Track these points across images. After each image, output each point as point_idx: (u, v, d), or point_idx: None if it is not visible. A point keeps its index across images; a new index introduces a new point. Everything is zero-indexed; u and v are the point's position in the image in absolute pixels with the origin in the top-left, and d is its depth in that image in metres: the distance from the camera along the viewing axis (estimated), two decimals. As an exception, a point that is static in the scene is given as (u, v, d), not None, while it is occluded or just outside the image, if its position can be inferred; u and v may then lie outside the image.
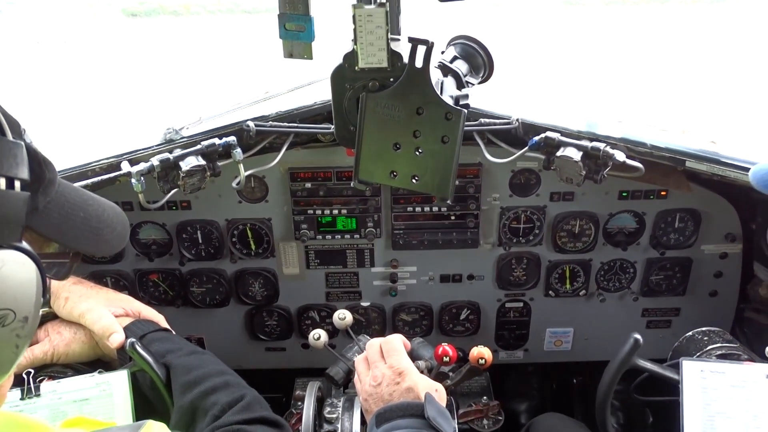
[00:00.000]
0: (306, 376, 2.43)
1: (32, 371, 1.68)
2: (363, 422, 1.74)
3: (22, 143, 0.91)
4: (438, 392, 1.65)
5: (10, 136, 0.90)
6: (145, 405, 1.78)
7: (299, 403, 2.22)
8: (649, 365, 1.92)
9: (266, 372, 2.85)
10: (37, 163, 0.96)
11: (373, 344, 1.78)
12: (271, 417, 1.62)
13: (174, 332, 1.93)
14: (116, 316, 1.82)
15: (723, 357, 2.02)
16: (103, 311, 1.80)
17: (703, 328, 2.18)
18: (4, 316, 0.87)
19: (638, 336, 1.87)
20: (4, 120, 0.91)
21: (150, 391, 1.78)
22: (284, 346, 2.89)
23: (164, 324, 1.94)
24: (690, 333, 2.19)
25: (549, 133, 2.10)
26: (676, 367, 1.87)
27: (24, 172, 0.90)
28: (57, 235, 1.05)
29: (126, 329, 1.80)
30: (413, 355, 2.00)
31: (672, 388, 1.87)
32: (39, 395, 1.65)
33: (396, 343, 1.75)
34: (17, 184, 0.88)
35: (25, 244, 0.90)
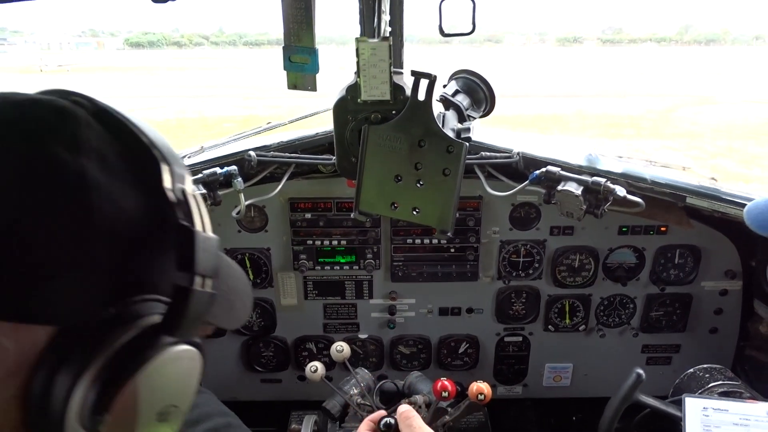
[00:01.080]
0: (302, 409, 2.38)
1: None
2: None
3: (216, 237, 0.83)
4: None
5: (209, 232, 0.82)
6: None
7: (295, 437, 2.18)
8: (651, 401, 1.90)
9: (261, 404, 2.80)
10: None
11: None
12: None
13: None
14: None
15: (725, 395, 2.00)
16: None
17: (705, 365, 2.16)
18: (170, 412, 0.82)
19: (641, 371, 1.85)
20: (203, 215, 0.82)
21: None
22: (280, 378, 2.85)
23: None
24: (691, 370, 2.17)
25: (550, 168, 2.11)
26: (679, 404, 1.85)
27: (212, 268, 0.81)
28: (208, 317, 0.93)
29: None
30: (411, 390, 1.98)
31: (674, 426, 1.85)
32: None
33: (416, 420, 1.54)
34: (208, 281, 0.80)
35: (198, 339, 0.85)
